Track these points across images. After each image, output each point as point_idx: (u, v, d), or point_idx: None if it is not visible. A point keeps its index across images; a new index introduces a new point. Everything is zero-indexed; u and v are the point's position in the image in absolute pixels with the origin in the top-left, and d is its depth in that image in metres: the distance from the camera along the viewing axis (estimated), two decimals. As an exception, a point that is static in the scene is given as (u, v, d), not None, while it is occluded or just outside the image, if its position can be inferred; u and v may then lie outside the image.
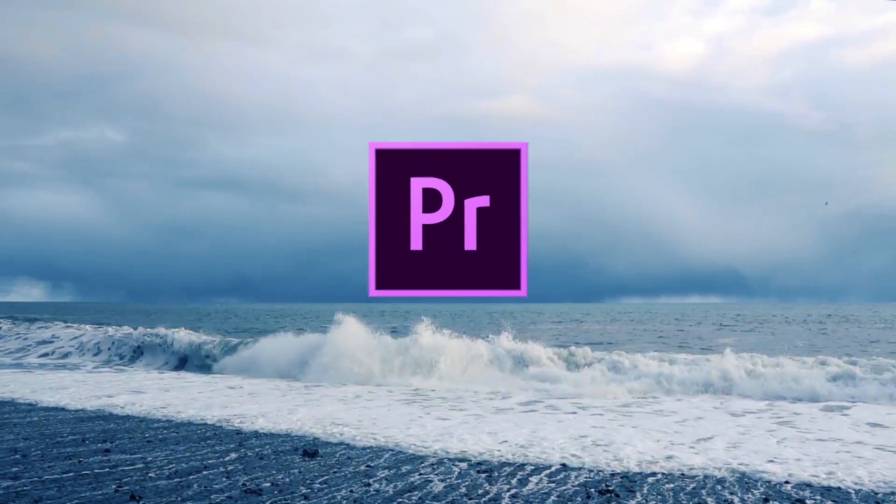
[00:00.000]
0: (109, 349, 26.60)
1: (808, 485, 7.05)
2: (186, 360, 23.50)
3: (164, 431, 10.17)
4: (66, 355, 27.30)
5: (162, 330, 26.14)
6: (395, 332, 21.68)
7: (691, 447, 8.93)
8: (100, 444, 9.05)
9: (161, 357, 24.34)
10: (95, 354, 26.71)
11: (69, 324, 34.28)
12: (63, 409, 12.65)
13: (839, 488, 6.91)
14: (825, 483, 7.10)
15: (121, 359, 25.47)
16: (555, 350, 18.19)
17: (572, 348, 18.22)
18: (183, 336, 24.97)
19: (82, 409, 12.52)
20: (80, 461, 8.04)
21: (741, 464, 7.93)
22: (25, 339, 31.25)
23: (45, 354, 27.87)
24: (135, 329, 28.15)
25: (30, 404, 13.25)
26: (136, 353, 25.33)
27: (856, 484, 7.04)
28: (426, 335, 18.62)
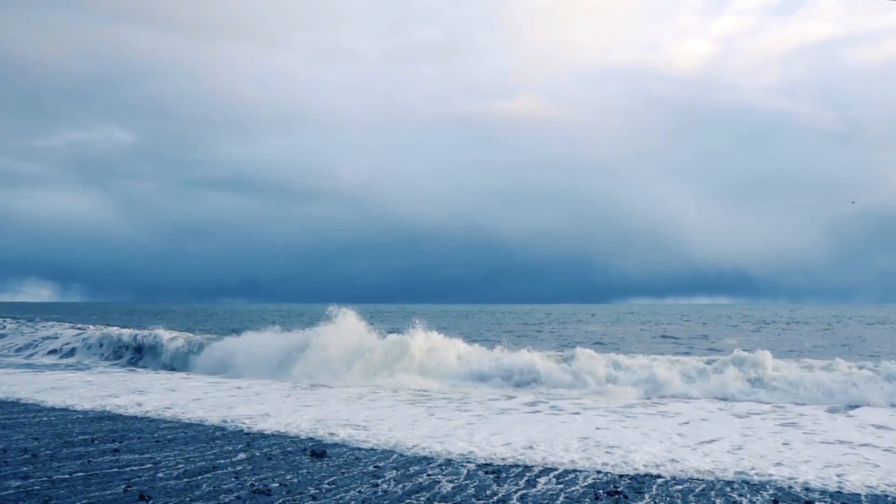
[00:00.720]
0: (106, 348, 26.77)
1: (818, 488, 7.05)
2: (165, 358, 23.81)
3: (173, 431, 10.22)
4: (67, 355, 27.40)
5: (154, 331, 26.29)
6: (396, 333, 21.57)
7: (698, 449, 8.94)
8: (109, 444, 9.10)
9: (154, 356, 24.46)
10: (99, 348, 26.90)
11: (71, 324, 34.46)
12: (71, 409, 12.71)
13: (850, 492, 6.90)
14: (835, 486, 7.09)
15: (125, 355, 25.57)
16: (548, 353, 18.06)
17: (576, 349, 18.00)
18: (167, 336, 25.14)
19: (90, 410, 12.58)
20: (89, 461, 8.08)
21: (748, 466, 7.93)
22: (32, 338, 31.37)
23: (51, 353, 28.01)
24: (126, 329, 28.29)
25: (38, 404, 13.32)
26: (135, 354, 25.42)
27: (867, 487, 7.03)
28: (419, 338, 18.52)
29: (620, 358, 17.05)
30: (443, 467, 7.94)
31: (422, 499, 6.60)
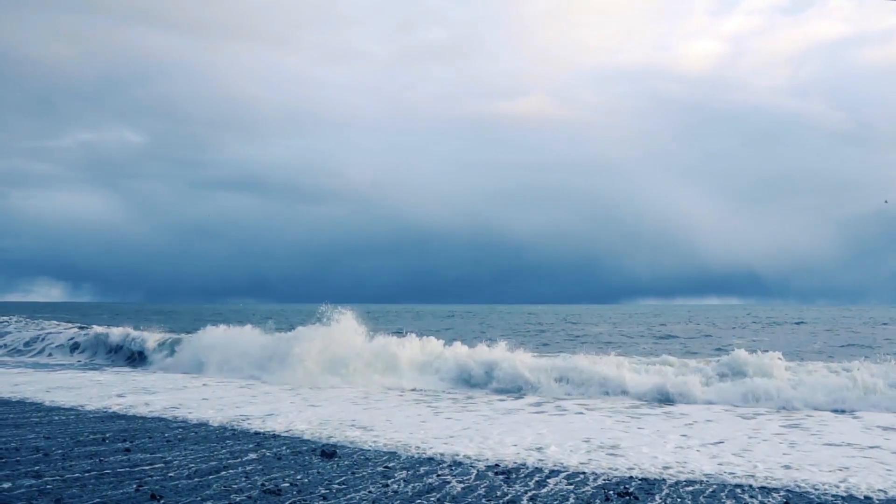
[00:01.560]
0: (102, 347, 26.90)
1: (829, 491, 7.05)
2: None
3: (183, 431, 10.27)
4: (68, 354, 27.53)
5: (143, 332, 26.40)
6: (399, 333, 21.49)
7: (706, 451, 8.96)
8: (120, 444, 9.15)
9: (141, 356, 24.55)
10: (95, 347, 27.10)
11: (72, 324, 34.71)
12: (81, 408, 12.77)
13: (862, 496, 6.87)
14: (846, 489, 7.07)
15: (117, 355, 25.62)
16: (544, 355, 17.76)
17: (575, 356, 17.06)
18: (153, 337, 25.40)
19: (100, 409, 12.64)
20: (100, 460, 8.13)
21: (757, 468, 7.94)
22: (35, 336, 31.50)
23: (55, 352, 28.14)
24: (116, 329, 28.42)
25: (47, 404, 13.38)
26: (129, 354, 25.48)
27: (879, 491, 6.99)
28: (409, 346, 18.49)
29: (623, 360, 16.95)
30: (452, 468, 7.97)
31: (432, 499, 6.63)
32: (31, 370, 21.36)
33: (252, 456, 8.50)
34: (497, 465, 8.13)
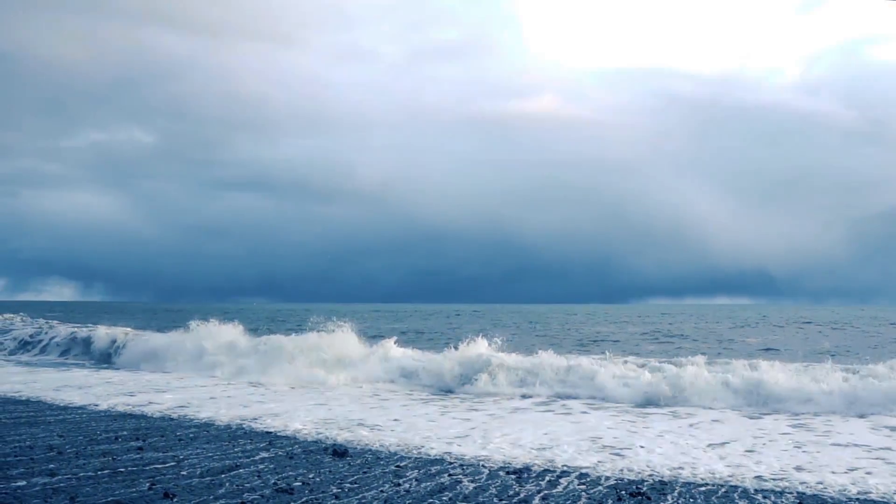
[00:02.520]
0: (95, 346, 26.98)
1: (842, 492, 7.03)
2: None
3: (195, 430, 10.32)
4: (66, 352, 27.66)
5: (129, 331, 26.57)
6: (405, 335, 21.48)
7: (714, 451, 8.96)
8: (133, 443, 9.21)
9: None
10: (89, 346, 27.22)
11: (74, 324, 34.97)
12: (94, 407, 12.83)
13: (879, 498, 6.83)
14: (859, 490, 7.06)
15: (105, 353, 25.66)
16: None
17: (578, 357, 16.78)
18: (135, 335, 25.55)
19: (112, 408, 12.70)
20: (113, 459, 8.20)
21: (767, 469, 7.95)
22: (38, 335, 31.65)
23: (56, 350, 28.30)
24: (105, 328, 28.48)
25: (59, 402, 13.46)
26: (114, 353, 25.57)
27: None
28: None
29: (621, 361, 16.84)
30: (464, 467, 8.00)
31: (445, 498, 6.67)
32: (40, 369, 21.48)
33: (264, 455, 8.55)
34: (508, 464, 8.16)
